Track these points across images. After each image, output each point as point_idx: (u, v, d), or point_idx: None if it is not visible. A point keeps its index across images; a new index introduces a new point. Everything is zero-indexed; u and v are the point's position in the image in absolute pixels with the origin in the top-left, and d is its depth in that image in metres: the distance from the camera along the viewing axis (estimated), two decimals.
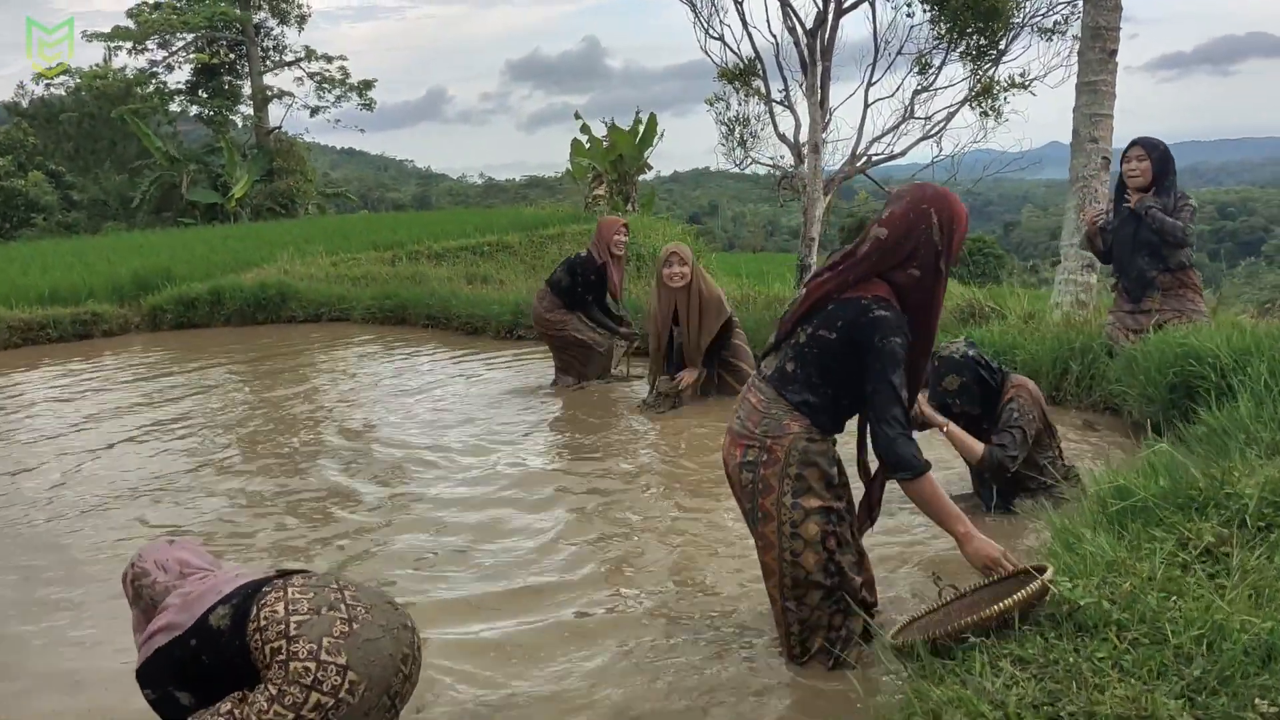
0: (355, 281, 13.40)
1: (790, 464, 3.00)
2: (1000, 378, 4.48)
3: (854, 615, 3.12)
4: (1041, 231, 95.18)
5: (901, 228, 2.93)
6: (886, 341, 2.85)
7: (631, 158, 21.42)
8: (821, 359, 2.97)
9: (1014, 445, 4.31)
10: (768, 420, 3.03)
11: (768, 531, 3.05)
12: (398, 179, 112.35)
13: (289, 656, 2.42)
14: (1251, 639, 2.36)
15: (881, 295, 2.92)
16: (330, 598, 2.53)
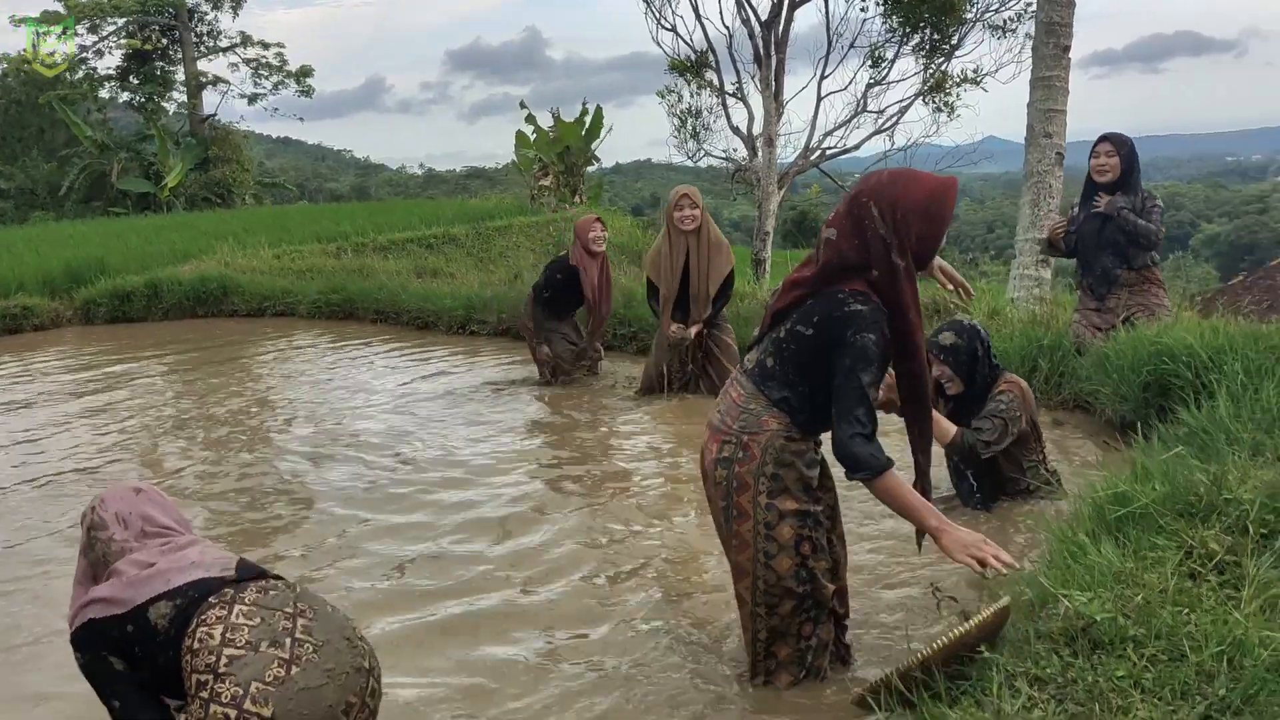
0: (300, 275, 13.06)
1: (766, 462, 2.87)
2: (995, 370, 4.44)
3: (823, 624, 3.02)
4: (979, 225, 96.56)
5: (846, 225, 2.80)
6: (859, 337, 2.70)
7: (578, 150, 21.20)
8: (799, 356, 2.84)
9: (990, 432, 4.26)
10: (746, 416, 2.91)
11: (743, 530, 2.92)
12: (336, 169, 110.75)
13: (211, 697, 2.23)
14: (1272, 655, 2.30)
15: (859, 289, 2.76)
16: (278, 627, 2.31)
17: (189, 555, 2.48)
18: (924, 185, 2.78)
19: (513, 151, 23.21)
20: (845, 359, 2.72)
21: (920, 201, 2.75)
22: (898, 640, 3.32)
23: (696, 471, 5.10)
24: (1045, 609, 2.68)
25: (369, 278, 12.12)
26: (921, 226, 2.76)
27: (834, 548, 3.08)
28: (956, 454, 4.32)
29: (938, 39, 14.98)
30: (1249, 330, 4.87)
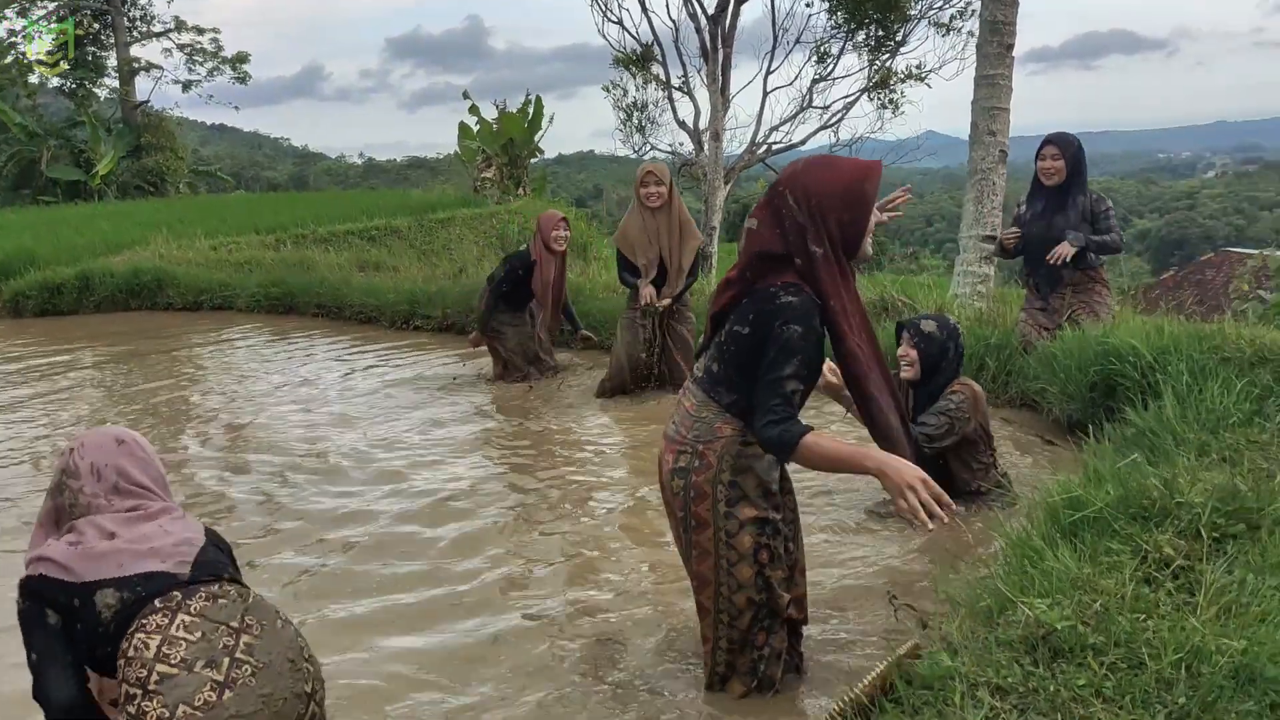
0: (238, 267, 12.77)
1: (723, 469, 2.83)
2: (957, 375, 4.47)
3: (776, 634, 2.98)
4: (918, 219, 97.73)
5: (765, 215, 2.78)
6: (785, 328, 2.65)
7: (522, 141, 21.04)
8: (739, 356, 2.79)
9: (935, 428, 4.29)
10: (699, 425, 2.86)
11: (703, 540, 2.88)
12: (273, 157, 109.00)
13: (138, 714, 2.16)
14: (1229, 662, 2.31)
15: (791, 281, 2.71)
16: (218, 645, 2.23)
17: (150, 534, 2.37)
18: (841, 171, 2.76)
19: (455, 142, 22.98)
20: (770, 351, 2.67)
21: (837, 188, 2.72)
22: (854, 648, 3.32)
23: (650, 473, 5.11)
24: (1004, 615, 2.69)
25: (310, 271, 11.88)
26: (840, 213, 2.71)
27: (791, 555, 3.05)
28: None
29: (883, 35, 15.08)
30: (1193, 331, 4.94)
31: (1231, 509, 3.00)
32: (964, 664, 2.45)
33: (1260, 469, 3.45)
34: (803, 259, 2.71)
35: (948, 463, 4.41)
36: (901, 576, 3.84)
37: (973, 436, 4.37)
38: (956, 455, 4.41)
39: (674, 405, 3.04)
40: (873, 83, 15.09)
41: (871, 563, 3.99)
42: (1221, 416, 4.04)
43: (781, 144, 15.47)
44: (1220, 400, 4.14)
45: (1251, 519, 2.97)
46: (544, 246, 7.15)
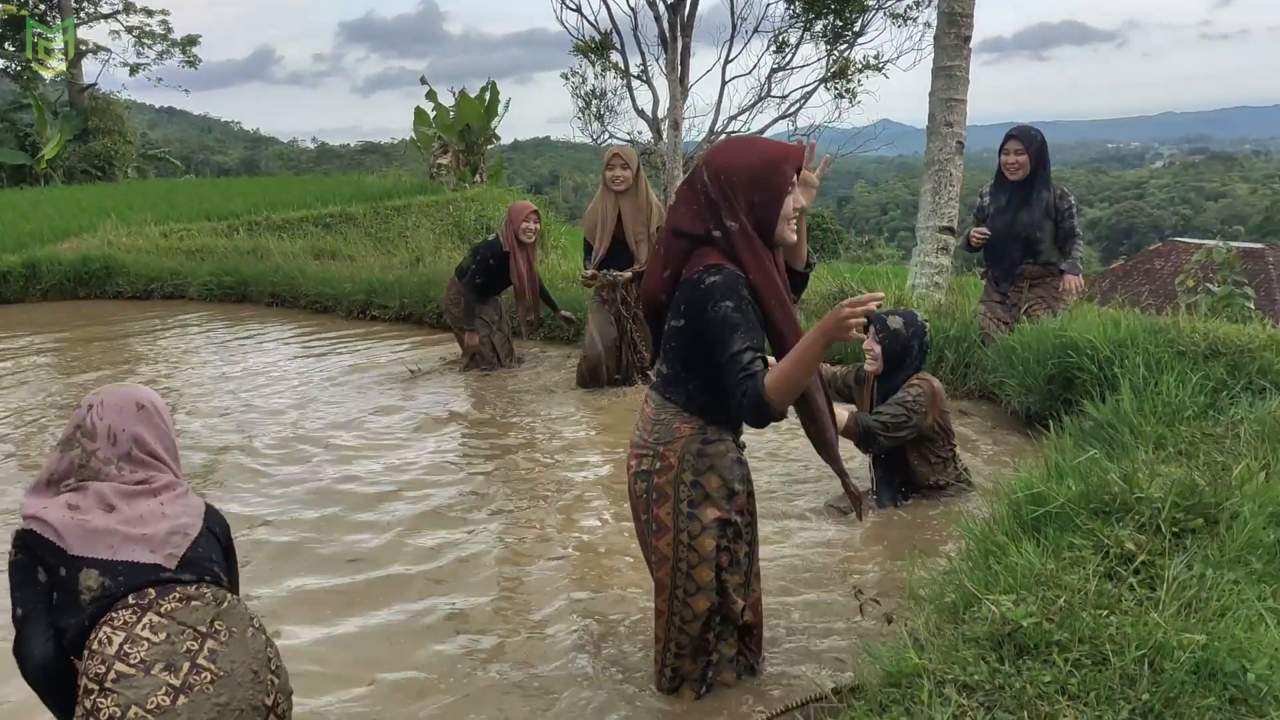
0: (190, 255, 12.56)
1: (684, 470, 2.81)
2: (917, 369, 4.49)
3: (727, 640, 2.98)
4: (872, 207, 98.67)
5: (684, 191, 2.81)
6: (717, 308, 2.64)
7: (479, 128, 20.82)
8: (679, 350, 2.80)
9: (891, 417, 4.31)
10: (659, 427, 2.85)
11: (662, 545, 2.86)
12: (223, 141, 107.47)
13: (92, 710, 2.15)
14: (1190, 657, 2.34)
15: (712, 261, 2.71)
16: (180, 649, 2.21)
17: (147, 515, 2.35)
18: (756, 152, 2.77)
19: (410, 128, 22.71)
20: (714, 333, 2.66)
21: (748, 168, 2.72)
22: (819, 643, 3.33)
23: (612, 468, 5.11)
24: (970, 611, 2.70)
25: (264, 259, 11.72)
26: (751, 193, 2.72)
27: (750, 559, 3.03)
28: (853, 438, 4.34)
29: (841, 26, 15.13)
30: (1148, 324, 5.01)
31: (1190, 504, 3.04)
32: (931, 661, 2.46)
33: (1216, 462, 3.50)
34: (720, 232, 2.72)
35: (906, 457, 4.45)
36: (864, 569, 3.86)
37: (930, 432, 4.40)
38: (915, 449, 4.44)
39: (639, 412, 3.03)
40: (830, 73, 15.15)
41: (835, 557, 4.01)
42: (1177, 409, 4.10)
43: (740, 133, 15.49)
44: (1176, 393, 4.21)
45: (1210, 514, 3.01)
46: (515, 239, 7.11)
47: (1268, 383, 4.33)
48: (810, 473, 4.95)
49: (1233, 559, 2.80)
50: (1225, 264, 6.70)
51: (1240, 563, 2.80)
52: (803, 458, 5.10)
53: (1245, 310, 6.29)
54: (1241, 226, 65.46)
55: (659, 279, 2.84)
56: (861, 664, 2.64)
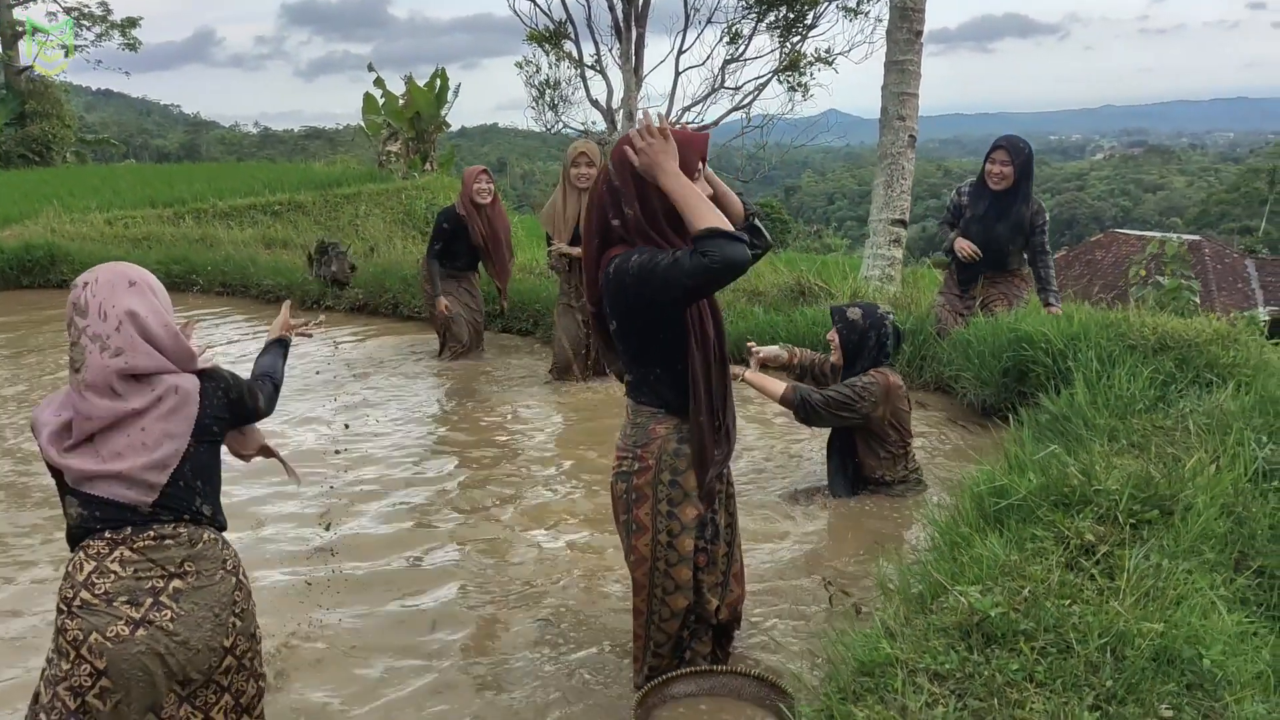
0: (136, 243, 12.36)
1: (663, 469, 2.84)
2: (877, 362, 4.53)
3: (701, 639, 3.03)
4: (820, 196, 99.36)
5: (600, 184, 2.82)
6: (630, 267, 2.64)
7: (430, 115, 20.67)
8: (629, 346, 2.82)
9: (833, 394, 4.38)
10: (636, 431, 2.88)
11: (641, 545, 2.89)
12: (163, 125, 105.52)
13: (60, 629, 2.32)
14: (1150, 645, 2.43)
15: (614, 254, 2.72)
16: (145, 585, 2.32)
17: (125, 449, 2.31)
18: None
19: (357, 114, 22.50)
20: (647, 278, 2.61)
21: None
22: (790, 634, 3.39)
23: (574, 463, 5.13)
24: (937, 601, 2.78)
25: (214, 248, 11.56)
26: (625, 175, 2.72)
27: (730, 558, 3.08)
28: (790, 407, 4.41)
29: (793, 18, 15.23)
30: (1100, 319, 5.14)
31: (1146, 496, 3.15)
32: (903, 650, 2.53)
33: (1168, 455, 3.61)
34: (619, 220, 2.73)
35: (856, 449, 4.53)
36: (827, 560, 3.93)
37: (880, 426, 4.46)
38: (865, 442, 4.52)
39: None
40: (783, 65, 15.24)
41: (797, 548, 4.08)
42: (1129, 403, 4.22)
43: (694, 124, 15.53)
44: (1127, 387, 4.32)
45: (1164, 505, 3.11)
46: (469, 202, 7.13)
47: (1214, 376, 4.47)
48: (771, 464, 5.02)
49: (1187, 549, 2.90)
50: (1175, 258, 6.88)
51: (1194, 553, 2.91)
52: (762, 447, 5.17)
53: (1191, 303, 6.47)
54: (1179, 218, 66.97)
55: (595, 287, 2.84)
56: (835, 654, 2.70)
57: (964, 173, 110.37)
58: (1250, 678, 2.38)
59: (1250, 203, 58.60)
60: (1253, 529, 3.12)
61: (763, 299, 7.48)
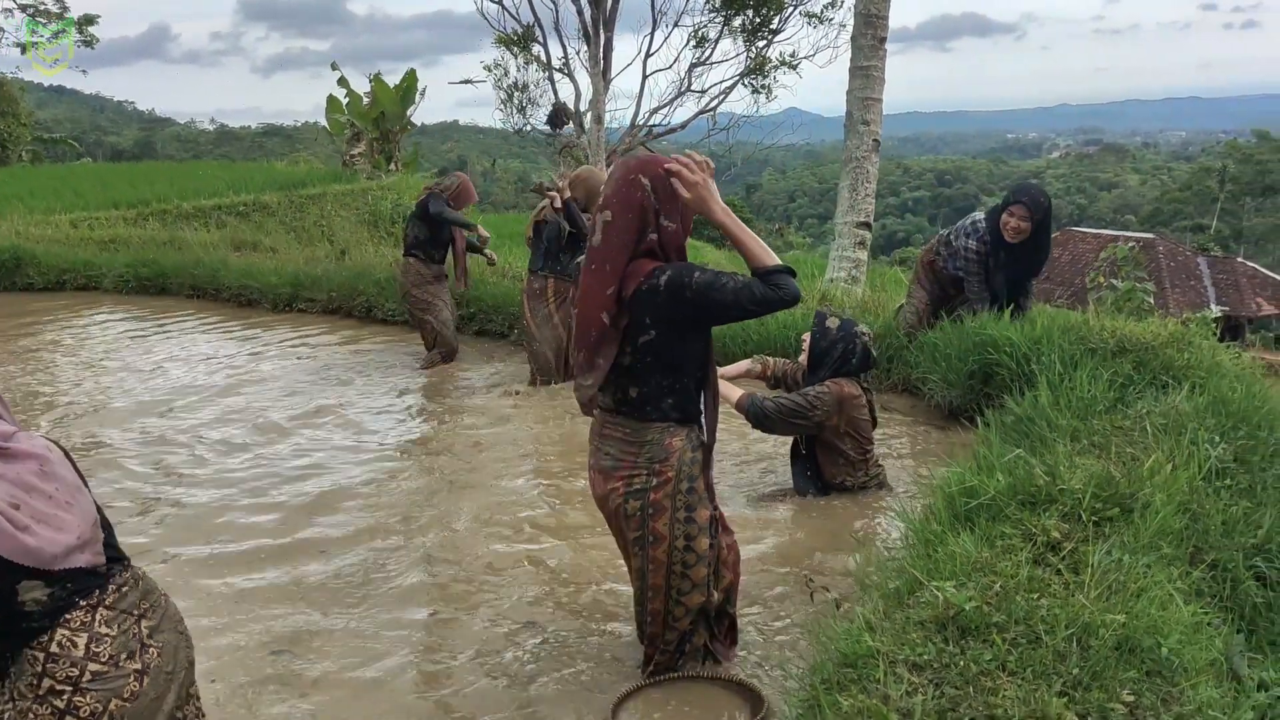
0: (103, 246, 12.32)
1: (681, 479, 2.98)
2: (836, 373, 4.64)
3: (699, 632, 3.19)
4: (781, 194, 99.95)
5: (619, 204, 2.91)
6: (693, 282, 2.82)
7: (395, 115, 20.65)
8: (660, 359, 2.93)
9: (787, 402, 4.50)
10: (649, 447, 2.98)
11: (659, 554, 3.01)
12: (117, 121, 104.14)
13: (69, 708, 2.21)
14: (1113, 635, 2.61)
15: (654, 267, 2.88)
16: (130, 634, 2.30)
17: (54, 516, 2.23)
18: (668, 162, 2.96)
19: (316, 111, 22.46)
20: (713, 294, 2.80)
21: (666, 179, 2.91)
22: (769, 626, 3.54)
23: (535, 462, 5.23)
24: (914, 596, 2.94)
25: (183, 250, 11.55)
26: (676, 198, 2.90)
27: (719, 548, 3.21)
28: (745, 415, 4.56)
29: (758, 22, 15.41)
30: (1062, 322, 5.33)
31: (1108, 494, 3.33)
32: (883, 643, 2.68)
33: (1127, 454, 3.80)
34: (657, 233, 2.89)
35: (816, 455, 4.67)
36: (804, 557, 4.09)
37: (833, 435, 4.57)
38: (823, 450, 4.64)
39: (593, 439, 3.12)
40: (748, 69, 15.43)
41: (789, 545, 4.24)
42: (1090, 404, 4.40)
43: (661, 126, 15.74)
44: (1088, 389, 4.51)
45: (1125, 503, 3.29)
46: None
47: (1170, 378, 4.66)
48: (737, 463, 5.17)
49: (1146, 545, 3.08)
50: (1127, 260, 7.12)
51: (1153, 548, 3.09)
52: (733, 452, 5.33)
53: (1146, 304, 6.69)
54: (1133, 216, 68.08)
55: (603, 295, 2.89)
56: (819, 646, 2.85)
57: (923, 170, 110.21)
58: (1204, 664, 2.56)
59: (1202, 201, 59.67)
60: (1206, 525, 3.31)
61: None
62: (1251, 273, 29.80)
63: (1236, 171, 57.86)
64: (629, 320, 2.89)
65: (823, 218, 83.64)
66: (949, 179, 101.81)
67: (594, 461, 3.10)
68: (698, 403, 3.04)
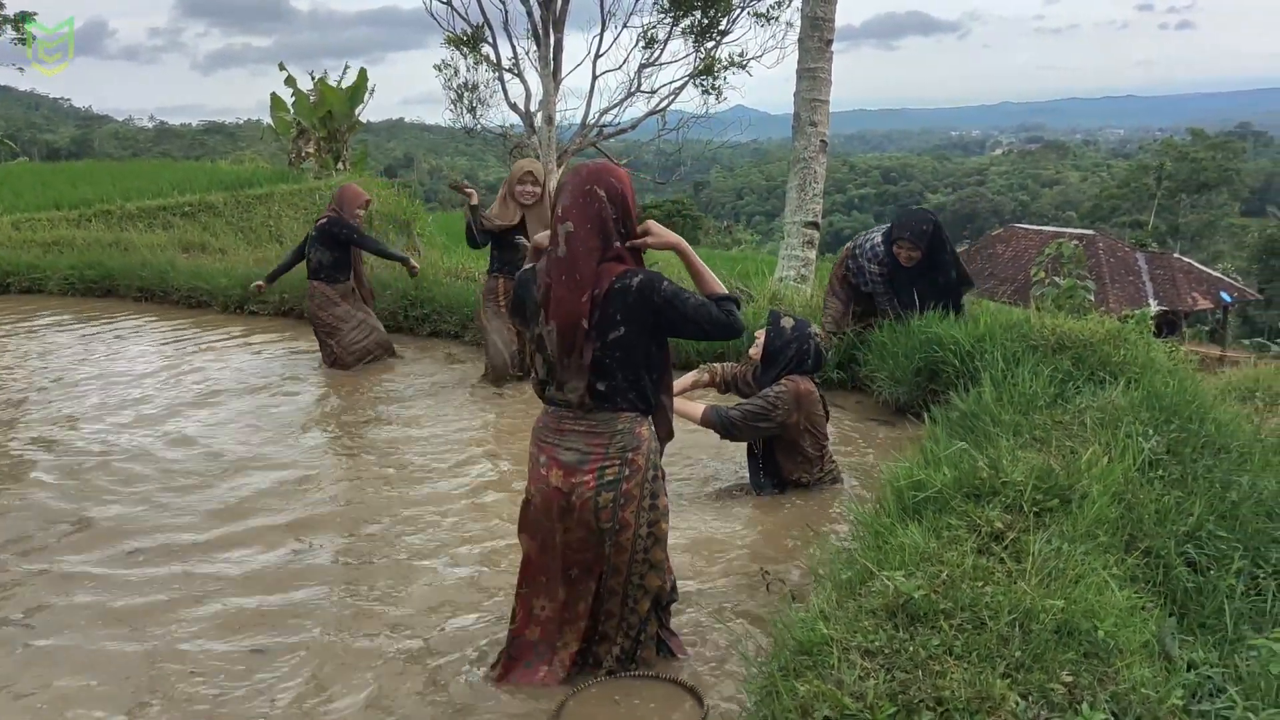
0: (46, 248, 12.14)
1: (649, 467, 3.13)
2: (788, 368, 4.75)
3: (651, 619, 3.28)
4: (728, 192, 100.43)
5: (579, 215, 3.02)
6: (662, 289, 3.00)
7: (342, 114, 20.51)
8: (628, 355, 3.04)
9: (750, 408, 4.63)
10: (620, 436, 3.09)
11: (624, 539, 3.12)
12: (52, 119, 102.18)
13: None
14: (1053, 619, 2.74)
15: (625, 268, 3.04)
16: None
17: None
18: (622, 173, 3.15)
19: (258, 108, 22.33)
20: (669, 307, 3.01)
21: (628, 184, 3.11)
22: (727, 618, 3.65)
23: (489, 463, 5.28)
24: (865, 586, 3.06)
25: (129, 252, 11.42)
26: (633, 204, 3.11)
27: None
28: (713, 428, 4.69)
29: (707, 23, 15.54)
30: (1005, 320, 5.50)
31: (1047, 486, 3.48)
32: (837, 630, 2.80)
33: (1066, 448, 3.96)
34: (621, 241, 3.06)
35: (774, 452, 4.78)
36: (760, 550, 4.20)
37: (794, 434, 4.68)
38: (781, 448, 4.75)
39: (546, 435, 3.18)
40: (698, 69, 15.56)
41: (729, 541, 4.34)
42: (1031, 400, 4.56)
43: (612, 126, 15.81)
44: (1030, 385, 4.68)
45: (1064, 494, 3.45)
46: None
47: (1107, 374, 4.85)
48: (692, 461, 5.28)
49: (1084, 534, 3.23)
50: (1071, 259, 7.35)
51: (1090, 536, 3.24)
52: (688, 448, 5.43)
53: (1087, 301, 6.92)
54: (1074, 212, 69.30)
55: (578, 303, 3.00)
56: (776, 635, 2.96)
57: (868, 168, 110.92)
58: (1138, 646, 2.70)
59: (1140, 198, 60.89)
60: (1140, 514, 3.48)
61: None
62: (1187, 268, 30.55)
63: (1173, 169, 59.13)
64: (600, 315, 3.00)
65: (770, 215, 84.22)
66: (894, 176, 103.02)
67: (547, 456, 3.14)
68: (654, 396, 3.17)
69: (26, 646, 3.54)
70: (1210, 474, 3.88)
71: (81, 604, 3.86)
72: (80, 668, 3.41)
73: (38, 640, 3.58)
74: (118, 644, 3.56)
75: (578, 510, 3.12)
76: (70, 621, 3.70)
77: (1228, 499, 3.69)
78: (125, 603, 3.87)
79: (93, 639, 3.59)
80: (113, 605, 3.86)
